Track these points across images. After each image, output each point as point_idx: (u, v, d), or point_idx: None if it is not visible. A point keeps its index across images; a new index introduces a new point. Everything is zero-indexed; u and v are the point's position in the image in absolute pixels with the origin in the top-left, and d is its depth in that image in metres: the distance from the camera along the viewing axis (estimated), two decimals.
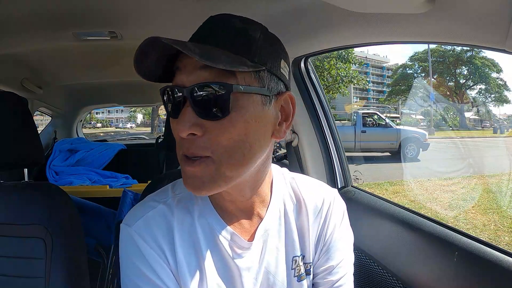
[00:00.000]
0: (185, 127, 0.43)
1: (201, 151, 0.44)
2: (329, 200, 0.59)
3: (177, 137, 0.46)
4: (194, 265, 0.51)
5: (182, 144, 0.45)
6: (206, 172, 0.45)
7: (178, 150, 0.47)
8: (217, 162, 0.45)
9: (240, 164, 0.46)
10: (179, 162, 0.48)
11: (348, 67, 14.96)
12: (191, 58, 0.43)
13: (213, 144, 0.44)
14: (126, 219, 0.53)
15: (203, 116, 0.43)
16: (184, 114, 0.43)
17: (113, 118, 24.55)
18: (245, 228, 0.54)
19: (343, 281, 0.57)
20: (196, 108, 0.43)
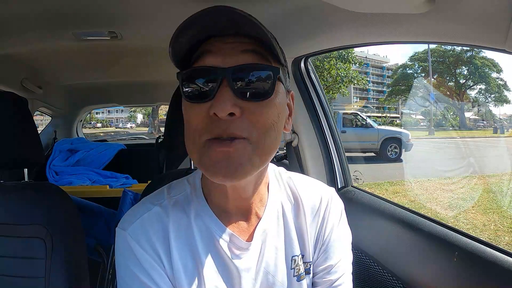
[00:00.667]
0: (227, 106, 0.42)
1: (240, 131, 0.43)
2: (327, 199, 0.59)
3: (199, 121, 0.45)
4: (191, 267, 0.51)
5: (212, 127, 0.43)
6: (244, 152, 0.43)
7: (199, 136, 0.45)
8: (254, 144, 0.44)
9: (271, 149, 0.47)
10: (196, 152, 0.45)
11: (348, 67, 14.95)
12: (227, 43, 0.45)
13: (251, 125, 0.44)
14: (121, 223, 0.53)
15: (243, 97, 0.44)
16: (223, 94, 0.43)
17: (113, 118, 24.55)
18: (243, 229, 0.54)
19: (342, 280, 0.57)
20: (237, 89, 0.43)
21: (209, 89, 0.44)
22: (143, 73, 1.84)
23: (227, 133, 0.43)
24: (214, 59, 0.45)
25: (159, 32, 1.11)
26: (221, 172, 0.43)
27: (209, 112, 0.44)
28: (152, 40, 1.22)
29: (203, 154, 0.45)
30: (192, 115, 0.46)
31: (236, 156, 0.43)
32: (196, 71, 0.46)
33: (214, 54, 0.45)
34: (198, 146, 0.45)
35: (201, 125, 0.45)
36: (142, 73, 1.84)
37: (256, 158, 0.45)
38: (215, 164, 0.44)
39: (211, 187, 0.53)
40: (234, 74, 0.44)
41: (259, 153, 0.45)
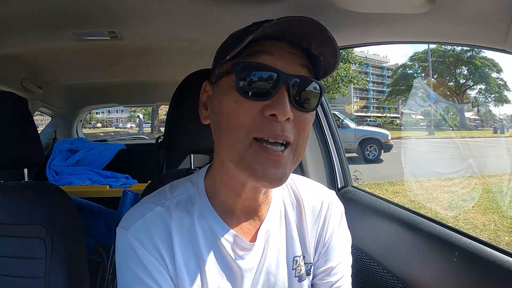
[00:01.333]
0: (288, 110, 0.44)
1: (290, 135, 0.46)
2: (328, 202, 0.60)
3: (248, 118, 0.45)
4: (194, 268, 0.50)
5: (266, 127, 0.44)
6: (288, 161, 0.46)
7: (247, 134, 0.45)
8: (294, 151, 0.47)
9: (301, 156, 0.50)
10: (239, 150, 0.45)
11: (348, 67, 14.96)
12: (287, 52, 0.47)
13: (295, 132, 0.46)
14: (122, 222, 0.52)
15: (297, 105, 0.46)
16: (283, 97, 0.44)
17: (113, 118, 24.54)
18: (246, 229, 0.54)
19: (341, 282, 0.57)
20: (293, 96, 0.46)
21: (268, 89, 0.45)
22: (143, 73, 1.84)
23: (283, 136, 0.45)
24: (276, 63, 0.46)
25: (159, 32, 1.11)
26: (269, 178, 0.45)
27: (263, 111, 0.44)
28: (152, 40, 1.22)
29: (248, 154, 0.45)
30: (241, 111, 0.45)
31: (283, 164, 0.46)
32: (260, 66, 0.45)
33: (276, 58, 0.46)
34: (242, 144, 0.45)
35: (250, 122, 0.45)
36: (142, 73, 1.84)
37: (293, 164, 0.48)
38: (263, 171, 0.45)
39: (221, 186, 0.53)
40: (293, 81, 0.46)
41: (296, 159, 0.48)
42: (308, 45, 0.47)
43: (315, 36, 0.45)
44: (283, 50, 0.47)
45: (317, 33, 0.45)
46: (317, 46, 0.47)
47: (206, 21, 0.94)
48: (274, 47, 0.46)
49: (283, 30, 0.45)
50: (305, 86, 0.47)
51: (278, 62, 0.46)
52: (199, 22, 0.96)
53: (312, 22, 0.44)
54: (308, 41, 0.46)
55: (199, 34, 1.06)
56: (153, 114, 6.38)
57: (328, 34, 0.45)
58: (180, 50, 1.37)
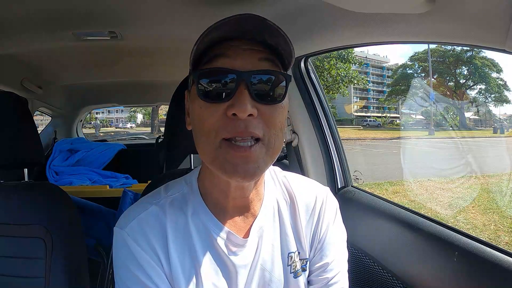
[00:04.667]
0: (247, 107, 0.44)
1: (258, 131, 0.46)
2: (322, 198, 0.60)
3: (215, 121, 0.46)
4: (189, 265, 0.51)
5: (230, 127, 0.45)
6: (260, 156, 0.46)
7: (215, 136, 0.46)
8: (266, 145, 0.47)
9: (279, 148, 0.50)
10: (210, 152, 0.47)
11: (348, 67, 14.96)
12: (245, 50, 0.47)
13: (264, 126, 0.47)
14: (119, 222, 0.53)
15: (259, 100, 0.46)
16: (242, 95, 0.45)
17: (113, 118, 24.53)
18: (240, 226, 0.55)
19: (338, 278, 0.57)
20: (254, 92, 0.46)
21: (227, 90, 0.46)
22: (143, 73, 1.84)
23: (247, 132, 0.45)
24: (233, 63, 0.47)
25: (159, 32, 1.11)
26: (240, 174, 0.46)
27: (226, 112, 0.45)
28: (152, 40, 1.22)
29: (219, 155, 0.46)
30: (206, 115, 0.47)
31: (253, 159, 0.46)
32: (216, 71, 0.47)
33: (233, 59, 0.47)
34: (213, 146, 0.47)
35: (217, 125, 0.46)
36: (142, 73, 1.84)
37: (268, 158, 0.48)
38: (234, 168, 0.46)
39: (210, 186, 0.54)
40: (252, 78, 0.46)
41: (271, 153, 0.48)
42: (262, 38, 0.47)
43: (263, 29, 0.46)
44: (240, 48, 0.47)
45: (263, 26, 0.45)
46: (270, 37, 0.47)
47: (206, 21, 0.94)
48: (231, 47, 0.47)
49: (233, 30, 0.46)
50: (266, 79, 0.47)
51: (236, 62, 0.47)
52: (199, 22, 0.96)
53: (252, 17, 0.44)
54: (261, 35, 0.47)
55: (199, 34, 1.06)
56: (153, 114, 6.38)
57: (270, 24, 0.45)
58: (180, 50, 1.37)
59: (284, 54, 0.49)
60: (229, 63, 0.47)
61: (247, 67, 0.46)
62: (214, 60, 0.47)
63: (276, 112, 0.48)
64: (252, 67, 0.47)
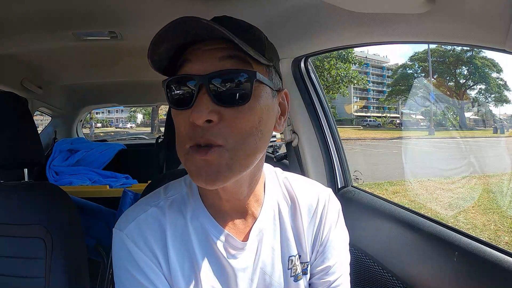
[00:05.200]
0: (203, 113, 0.42)
1: (216, 138, 0.44)
2: (324, 200, 0.59)
3: (183, 128, 0.46)
4: (188, 267, 0.51)
5: (193, 134, 0.44)
6: (221, 160, 0.44)
7: (184, 142, 0.45)
8: (230, 150, 0.44)
9: (253, 152, 0.47)
10: (182, 157, 0.47)
11: (348, 67, 14.97)
12: (205, 51, 0.45)
13: (228, 131, 0.44)
14: (118, 223, 0.53)
15: (221, 103, 0.44)
16: (201, 101, 0.43)
17: (113, 118, 24.53)
18: (239, 229, 0.54)
19: (340, 281, 0.57)
20: (214, 95, 0.44)
21: (189, 97, 0.45)
22: (143, 73, 1.84)
23: (204, 140, 0.44)
24: (193, 67, 0.45)
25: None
26: (202, 178, 0.45)
27: (189, 119, 0.44)
28: None
29: (187, 160, 0.46)
30: (178, 121, 0.47)
31: (214, 163, 0.44)
32: (175, 79, 0.47)
33: (193, 62, 0.46)
34: (183, 152, 0.46)
35: (185, 132, 0.46)
36: (142, 73, 1.84)
37: (235, 164, 0.45)
38: (197, 171, 0.45)
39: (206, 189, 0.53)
40: (210, 80, 0.44)
41: (238, 159, 0.45)
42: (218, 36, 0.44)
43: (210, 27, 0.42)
44: (201, 51, 0.46)
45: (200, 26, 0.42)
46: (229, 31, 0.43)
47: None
48: (193, 51, 0.46)
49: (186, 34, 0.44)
50: (226, 80, 0.44)
51: (195, 66, 0.45)
52: None
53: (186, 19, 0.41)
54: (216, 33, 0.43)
55: None
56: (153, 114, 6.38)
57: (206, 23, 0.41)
58: None
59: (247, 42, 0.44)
60: (191, 68, 0.45)
61: (207, 70, 0.44)
62: (182, 67, 0.47)
63: (241, 115, 0.45)
64: (213, 68, 0.44)
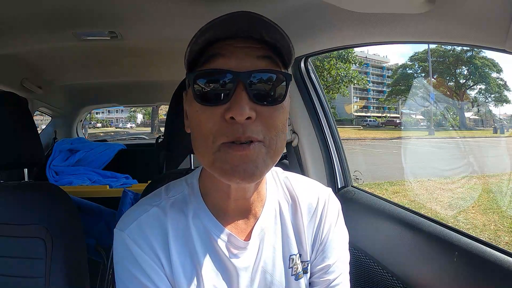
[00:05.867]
0: (245, 110, 0.43)
1: (256, 135, 0.44)
2: (324, 199, 0.59)
3: (212, 125, 0.45)
4: (190, 267, 0.51)
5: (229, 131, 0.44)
6: (260, 155, 0.44)
7: (214, 139, 0.45)
8: (267, 147, 0.45)
9: (281, 150, 0.48)
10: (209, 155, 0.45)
11: (348, 67, 14.98)
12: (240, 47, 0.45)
13: (264, 128, 0.45)
14: (119, 224, 0.53)
15: (258, 101, 0.44)
16: (240, 97, 0.43)
17: (113, 118, 24.52)
18: (241, 228, 0.54)
19: (340, 280, 0.57)
20: (253, 93, 0.44)
21: (224, 92, 0.44)
22: (143, 73, 1.84)
23: (245, 136, 0.44)
24: (229, 63, 0.45)
25: (159, 32, 1.11)
26: (239, 175, 0.44)
27: (224, 115, 0.44)
28: (152, 40, 1.22)
29: (218, 158, 0.45)
30: (204, 118, 0.45)
31: (253, 158, 0.44)
32: (211, 72, 0.45)
33: (227, 58, 0.45)
34: (212, 149, 0.45)
35: (215, 128, 0.45)
36: (142, 73, 1.84)
37: (269, 160, 0.46)
38: (234, 168, 0.44)
39: (210, 188, 0.54)
40: (251, 78, 0.44)
41: (271, 154, 0.46)
42: (260, 35, 0.45)
43: (259, 25, 0.44)
44: (235, 47, 0.45)
45: (258, 22, 0.44)
46: (267, 34, 0.45)
47: (206, 21, 0.94)
48: (227, 46, 0.46)
49: (227, 28, 0.44)
50: (265, 79, 0.45)
51: (231, 61, 0.45)
52: (199, 22, 0.95)
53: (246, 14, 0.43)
54: (258, 32, 0.45)
55: None
56: (153, 114, 6.38)
57: (265, 20, 0.43)
58: (180, 50, 1.36)
59: (283, 50, 0.47)
60: (225, 63, 0.45)
61: (244, 66, 0.44)
62: (211, 61, 0.46)
63: (276, 113, 0.46)
64: (250, 66, 0.44)
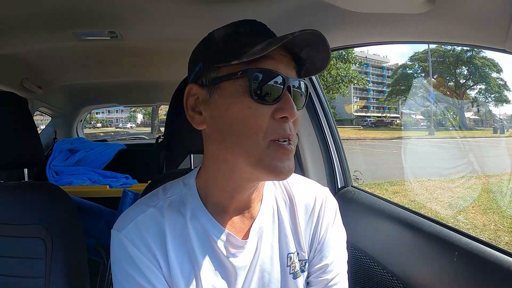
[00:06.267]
0: (295, 111, 0.48)
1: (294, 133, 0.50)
2: (321, 199, 0.60)
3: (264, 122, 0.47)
4: (188, 267, 0.51)
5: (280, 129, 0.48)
6: (292, 153, 0.50)
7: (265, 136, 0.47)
8: (293, 144, 0.51)
9: None
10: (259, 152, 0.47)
11: (348, 67, 14.97)
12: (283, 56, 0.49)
13: (294, 127, 0.50)
14: (116, 224, 0.53)
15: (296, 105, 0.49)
16: (290, 100, 0.48)
17: (113, 118, 24.52)
18: (238, 227, 0.54)
19: (337, 279, 0.57)
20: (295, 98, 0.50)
21: (275, 93, 0.48)
22: (143, 73, 1.84)
23: (291, 134, 0.49)
24: (279, 67, 0.48)
25: (159, 32, 1.11)
26: (286, 171, 0.48)
27: (274, 114, 0.47)
28: (152, 40, 1.22)
29: (267, 155, 0.47)
30: (256, 116, 0.47)
31: (292, 157, 0.50)
32: (272, 73, 0.48)
33: (278, 63, 0.48)
34: (261, 147, 0.47)
35: (265, 126, 0.47)
36: (142, 73, 1.84)
37: None
38: (282, 164, 0.48)
39: (213, 188, 0.53)
40: (297, 85, 0.50)
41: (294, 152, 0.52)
42: (300, 50, 0.50)
43: (310, 43, 0.48)
44: (280, 54, 0.49)
45: (314, 41, 0.48)
46: (309, 51, 0.50)
47: (206, 21, 0.94)
48: (274, 51, 0.47)
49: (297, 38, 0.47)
50: (302, 87, 0.52)
51: (280, 66, 0.48)
52: (199, 22, 0.96)
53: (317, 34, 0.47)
54: (301, 47, 0.50)
55: (199, 34, 1.06)
56: (153, 114, 6.38)
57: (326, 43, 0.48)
58: (180, 50, 1.36)
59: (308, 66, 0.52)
60: (275, 66, 0.48)
61: (288, 73, 0.49)
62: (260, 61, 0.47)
63: (300, 116, 0.52)
64: (291, 74, 0.50)
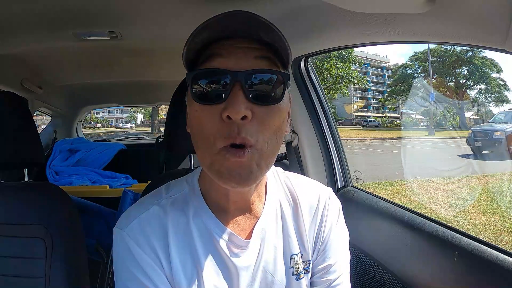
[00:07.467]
0: (241, 108, 0.43)
1: (250, 136, 0.44)
2: (325, 199, 0.60)
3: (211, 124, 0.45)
4: (190, 266, 0.51)
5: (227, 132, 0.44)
6: (253, 161, 0.45)
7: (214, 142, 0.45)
8: (259, 150, 0.45)
9: (274, 152, 0.48)
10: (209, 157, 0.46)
11: (348, 67, 15.00)
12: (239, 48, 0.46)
13: (259, 129, 0.45)
14: (119, 222, 0.53)
15: (255, 101, 0.45)
16: (237, 96, 0.44)
17: (113, 118, 24.51)
18: (241, 227, 0.54)
19: (340, 279, 0.57)
20: (250, 92, 0.44)
21: (221, 91, 0.45)
22: (143, 73, 1.84)
23: (240, 139, 0.44)
24: (227, 63, 0.45)
25: (159, 32, 1.11)
26: (235, 180, 0.45)
27: (221, 114, 0.44)
28: (152, 40, 1.22)
29: (216, 161, 0.45)
30: (203, 118, 0.46)
31: (247, 164, 0.45)
32: (209, 72, 0.46)
33: (226, 58, 0.45)
34: (212, 152, 0.46)
35: (214, 129, 0.45)
36: (142, 73, 1.84)
37: (263, 163, 0.46)
38: (229, 172, 0.45)
39: (210, 188, 0.54)
40: (248, 77, 0.44)
41: (265, 157, 0.46)
42: (258, 35, 0.46)
43: (256, 25, 0.44)
44: (234, 47, 0.46)
45: (255, 22, 0.44)
46: (265, 34, 0.45)
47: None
48: (225, 46, 0.46)
49: (224, 28, 0.45)
50: (262, 79, 0.45)
51: (229, 61, 0.45)
52: (199, 22, 0.96)
53: (242, 13, 0.43)
54: (256, 32, 0.45)
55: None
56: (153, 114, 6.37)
57: (261, 19, 0.44)
58: (180, 50, 1.37)
59: (281, 51, 0.47)
60: (223, 63, 0.45)
61: (242, 67, 0.45)
62: (209, 61, 0.46)
63: (272, 113, 0.46)
64: (248, 66, 0.45)
